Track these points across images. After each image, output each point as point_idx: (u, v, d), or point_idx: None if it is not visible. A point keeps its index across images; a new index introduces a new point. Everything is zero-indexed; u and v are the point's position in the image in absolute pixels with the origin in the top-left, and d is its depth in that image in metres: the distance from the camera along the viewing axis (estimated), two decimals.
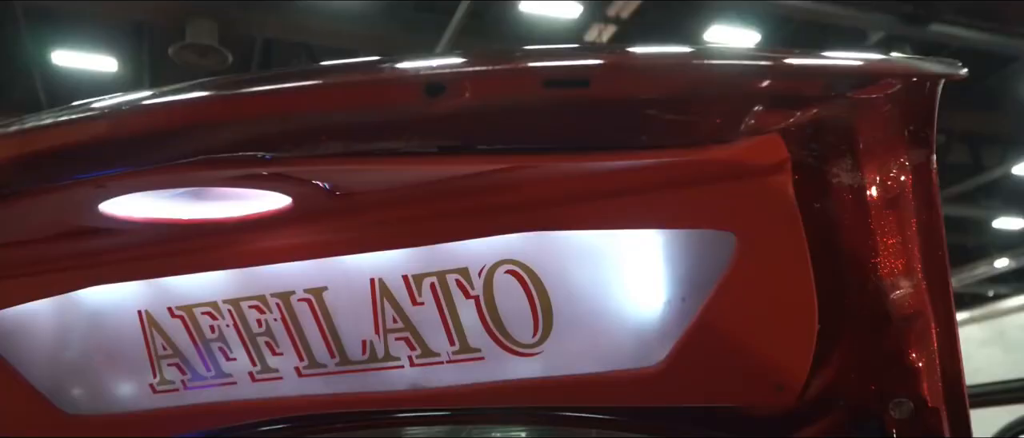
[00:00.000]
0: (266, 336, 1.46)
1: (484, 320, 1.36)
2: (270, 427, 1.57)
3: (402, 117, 1.03)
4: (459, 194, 1.24)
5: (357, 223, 1.30)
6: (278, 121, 1.05)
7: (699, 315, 1.28)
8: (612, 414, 1.45)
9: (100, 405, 1.60)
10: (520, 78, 1.01)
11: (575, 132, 1.10)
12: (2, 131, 1.10)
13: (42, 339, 1.56)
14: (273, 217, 1.27)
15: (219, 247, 1.38)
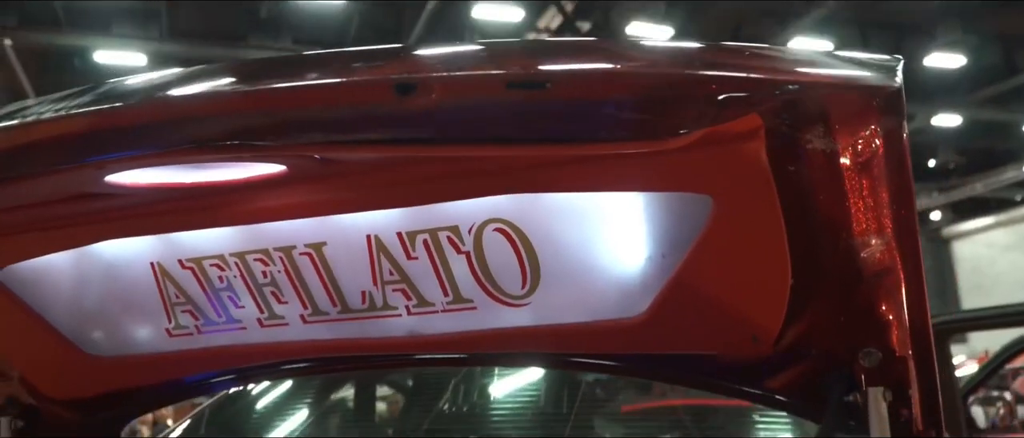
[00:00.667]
0: (271, 286, 1.55)
1: (475, 273, 1.42)
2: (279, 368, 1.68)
3: (377, 113, 1.09)
4: (445, 161, 1.29)
5: (349, 186, 1.36)
6: (269, 115, 1.14)
7: (678, 270, 1.33)
8: (597, 360, 1.53)
9: (120, 347, 1.71)
10: (483, 80, 1.07)
11: (548, 126, 1.15)
12: (25, 121, 1.19)
13: (63, 288, 1.65)
14: (270, 181, 1.33)
15: (222, 206, 1.45)
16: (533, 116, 1.11)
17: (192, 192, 1.39)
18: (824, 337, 1.33)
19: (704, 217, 1.28)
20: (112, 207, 1.46)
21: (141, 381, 1.77)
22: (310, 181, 1.35)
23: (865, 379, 1.28)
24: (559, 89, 1.07)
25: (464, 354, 1.58)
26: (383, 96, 1.06)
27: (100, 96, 1.20)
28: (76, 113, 1.18)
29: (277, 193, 1.39)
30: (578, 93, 1.09)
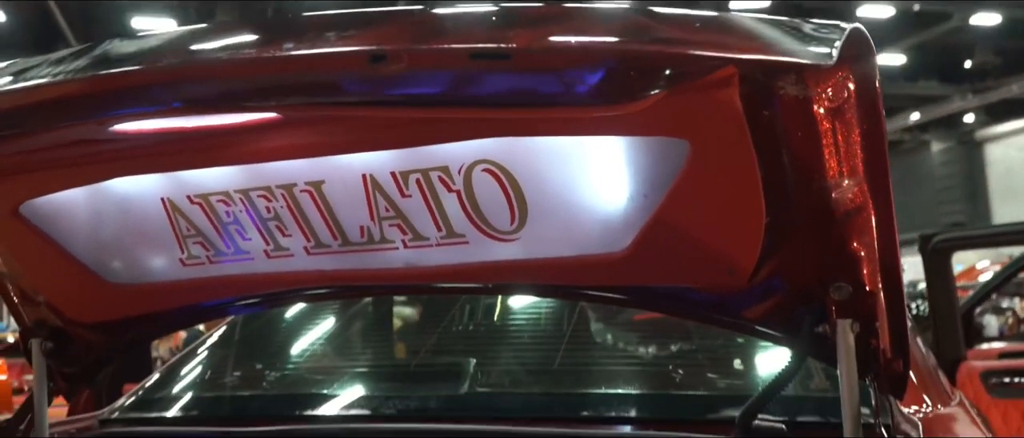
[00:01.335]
0: (275, 221, 1.63)
1: (466, 210, 1.49)
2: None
3: (353, 79, 1.16)
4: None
5: (341, 130, 1.42)
6: (255, 80, 1.23)
7: (658, 209, 1.39)
8: (583, 292, 1.60)
9: (138, 276, 1.81)
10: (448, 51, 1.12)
11: (517, 92, 1.20)
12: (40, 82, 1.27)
13: (81, 221, 1.75)
14: (267, 125, 1.40)
15: (223, 147, 1.51)
16: (501, 83, 1.16)
17: (194, 135, 1.46)
18: (797, 272, 1.39)
19: (682, 160, 1.32)
20: (120, 149, 1.54)
21: (159, 306, 1.88)
22: (304, 126, 1.42)
23: (835, 311, 1.34)
24: (522, 60, 1.12)
25: (459, 285, 1.66)
26: (358, 64, 1.12)
27: (100, 57, 1.27)
28: (80, 75, 1.26)
29: (274, 136, 1.45)
30: (541, 64, 1.14)
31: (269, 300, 1.86)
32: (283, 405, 2.15)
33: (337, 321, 2.56)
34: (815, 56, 1.12)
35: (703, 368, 1.97)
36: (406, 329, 2.48)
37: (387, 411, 1.96)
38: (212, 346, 2.52)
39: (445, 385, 2.02)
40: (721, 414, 1.66)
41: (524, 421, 1.78)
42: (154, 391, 2.29)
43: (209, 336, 2.55)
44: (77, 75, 1.26)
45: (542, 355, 2.11)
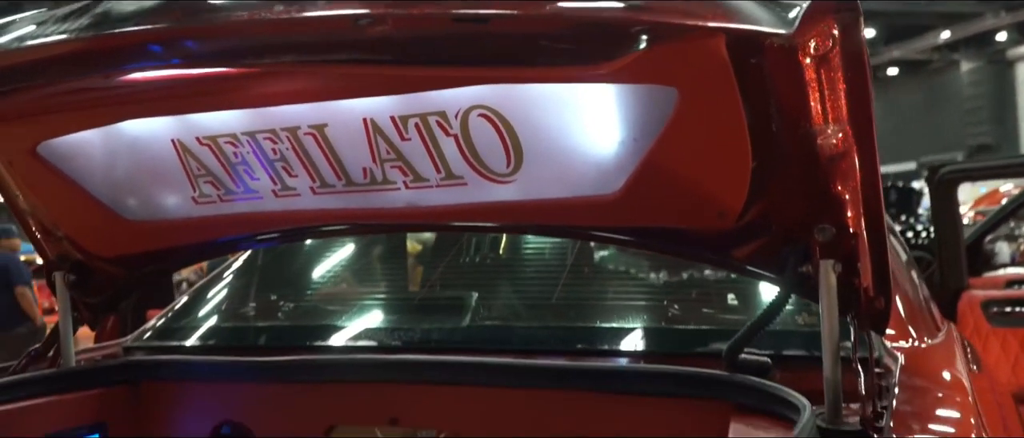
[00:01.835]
0: (282, 162, 1.68)
1: (463, 153, 1.54)
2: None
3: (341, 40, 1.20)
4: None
5: (339, 77, 1.46)
6: (249, 39, 1.29)
7: (648, 153, 1.43)
8: (578, 231, 1.66)
9: (154, 213, 1.89)
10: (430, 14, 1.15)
11: (500, 53, 1.23)
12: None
13: (97, 162, 1.82)
14: (267, 72, 1.44)
15: (227, 92, 1.56)
16: (483, 44, 1.19)
17: (199, 81, 1.51)
18: (782, 214, 1.43)
19: (671, 107, 1.35)
20: (128, 95, 1.60)
21: (174, 242, 1.96)
22: (303, 75, 1.46)
23: (819, 252, 1.39)
24: (501, 24, 1.15)
25: (459, 223, 1.72)
26: (344, 26, 1.16)
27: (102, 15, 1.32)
28: (88, 33, 1.33)
29: (275, 83, 1.50)
30: (520, 28, 1.16)
31: (279, 237, 1.93)
32: (295, 335, 2.24)
33: (347, 256, 2.65)
34: (799, 6, 1.14)
35: (694, 304, 2.03)
36: (412, 264, 2.55)
37: (393, 342, 2.05)
38: (229, 278, 2.61)
39: (448, 318, 2.10)
40: (710, 347, 1.73)
41: (522, 353, 1.86)
42: (175, 320, 2.40)
43: (227, 268, 2.65)
44: (84, 33, 1.31)
45: (541, 290, 2.18)
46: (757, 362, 1.58)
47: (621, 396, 1.66)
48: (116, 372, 2.09)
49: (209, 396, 2.05)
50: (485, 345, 1.94)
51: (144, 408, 2.08)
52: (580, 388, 1.69)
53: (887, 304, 1.46)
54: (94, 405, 2.01)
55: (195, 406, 2.06)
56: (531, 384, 1.73)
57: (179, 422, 2.07)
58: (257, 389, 2.00)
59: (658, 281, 2.11)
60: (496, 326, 2.08)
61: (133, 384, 2.09)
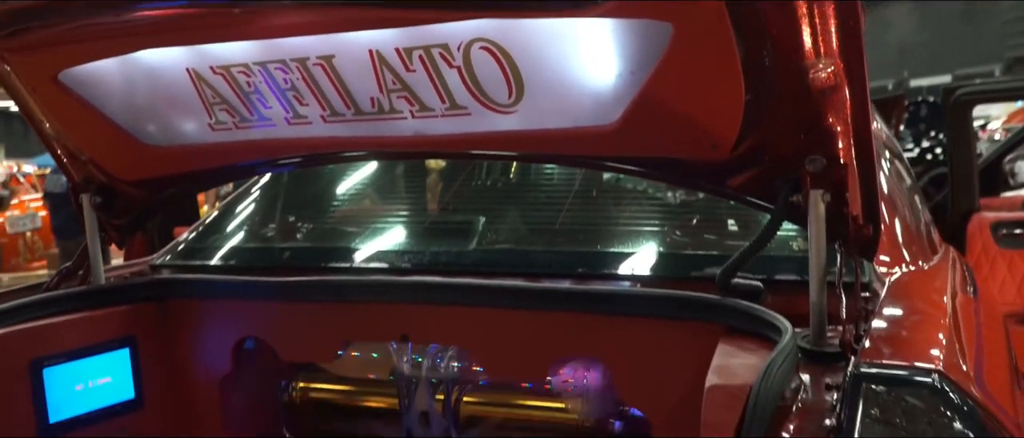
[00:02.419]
0: (293, 91, 1.74)
1: (466, 84, 1.58)
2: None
3: None
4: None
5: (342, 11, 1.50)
6: None
7: (645, 86, 1.47)
8: (578, 160, 1.71)
9: (172, 139, 1.96)
10: None
11: None
12: None
13: (116, 88, 1.88)
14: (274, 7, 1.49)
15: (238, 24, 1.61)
16: None
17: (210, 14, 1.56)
18: (775, 145, 1.46)
19: (666, 41, 1.38)
20: (144, 26, 1.65)
21: (193, 166, 2.04)
22: (310, 8, 1.50)
23: (809, 182, 1.43)
24: None
25: (464, 151, 1.77)
26: None
27: None
28: None
29: (283, 16, 1.55)
30: None
31: (293, 163, 2.00)
32: (313, 256, 2.34)
33: (363, 181, 2.72)
34: None
35: (692, 230, 2.08)
36: (422, 189, 2.62)
37: (402, 265, 2.14)
38: (251, 200, 2.70)
39: (457, 241, 2.17)
40: (704, 272, 1.79)
41: (526, 275, 1.94)
42: (199, 241, 2.50)
43: (248, 190, 2.74)
44: None
45: (545, 216, 2.24)
46: (749, 286, 1.64)
47: (619, 317, 1.74)
48: (143, 290, 2.20)
49: (232, 313, 2.15)
50: (491, 268, 2.02)
51: (171, 324, 2.20)
52: (580, 310, 1.76)
53: (876, 232, 1.50)
54: (124, 321, 2.12)
55: (219, 322, 2.17)
56: (533, 306, 1.81)
57: (204, 337, 2.18)
58: (277, 307, 2.10)
59: (657, 208, 2.16)
60: (502, 249, 2.15)
61: (160, 301, 2.20)
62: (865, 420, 1.10)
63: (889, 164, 2.35)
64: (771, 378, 1.21)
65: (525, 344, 1.83)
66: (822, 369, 1.34)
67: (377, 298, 1.99)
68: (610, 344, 1.76)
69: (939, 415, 1.11)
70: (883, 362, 1.20)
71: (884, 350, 1.30)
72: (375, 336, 2.07)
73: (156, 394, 2.16)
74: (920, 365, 1.18)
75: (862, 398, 1.12)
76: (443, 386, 2.05)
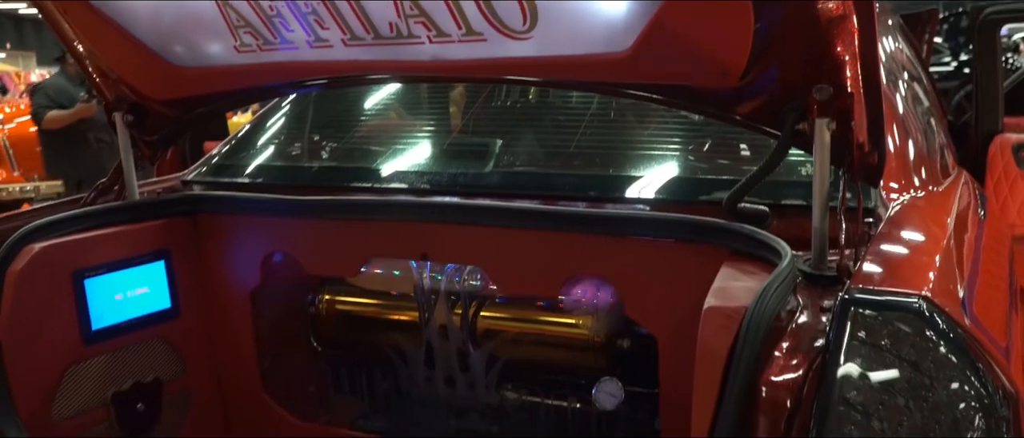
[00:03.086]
0: (313, 15, 1.78)
1: (482, 11, 1.61)
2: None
3: None
4: None
5: None
6: None
7: (656, 14, 1.49)
8: (591, 86, 1.74)
9: (200, 60, 2.02)
10: None
11: None
12: None
13: (145, 10, 1.94)
14: None
15: None
16: None
17: None
18: (782, 74, 1.49)
19: None
20: None
21: (220, 87, 2.10)
22: None
23: (816, 110, 1.46)
24: None
25: (481, 76, 1.81)
26: None
27: None
28: None
29: None
30: None
31: (316, 85, 2.05)
32: (337, 175, 2.41)
33: (386, 102, 2.77)
34: None
35: (702, 156, 2.12)
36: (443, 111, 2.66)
37: (422, 185, 2.20)
38: (278, 116, 2.77)
39: (474, 163, 2.23)
40: (713, 196, 1.84)
41: (541, 197, 2.00)
42: (228, 158, 2.58)
43: (276, 109, 2.80)
44: None
45: (560, 139, 2.29)
46: (755, 211, 1.69)
47: (628, 239, 1.80)
48: (177, 205, 2.29)
49: (260, 228, 2.25)
50: (507, 189, 2.08)
51: (203, 237, 2.30)
52: (591, 232, 1.83)
53: (881, 159, 1.53)
54: (159, 234, 2.22)
55: (248, 236, 2.26)
56: (547, 227, 1.87)
57: (235, 250, 2.28)
58: (302, 224, 2.18)
59: (669, 133, 2.20)
60: (518, 172, 2.20)
61: (192, 216, 2.29)
62: (852, 342, 1.16)
63: (906, 86, 2.35)
64: (766, 301, 1.27)
65: (539, 263, 1.90)
66: (820, 292, 1.40)
67: (398, 217, 2.07)
68: (620, 265, 1.82)
69: (924, 339, 1.17)
70: (872, 287, 1.26)
71: (877, 275, 1.35)
72: (396, 253, 2.16)
73: (191, 304, 2.28)
74: (907, 290, 1.24)
75: (850, 321, 1.18)
76: (461, 301, 2.15)
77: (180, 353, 2.27)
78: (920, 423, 1.10)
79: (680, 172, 2.05)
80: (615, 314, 1.99)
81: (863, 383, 1.13)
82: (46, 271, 1.97)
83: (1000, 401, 1.15)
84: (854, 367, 1.13)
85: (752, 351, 1.22)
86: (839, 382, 1.13)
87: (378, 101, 2.78)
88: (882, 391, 1.12)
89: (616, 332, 2.03)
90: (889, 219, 1.65)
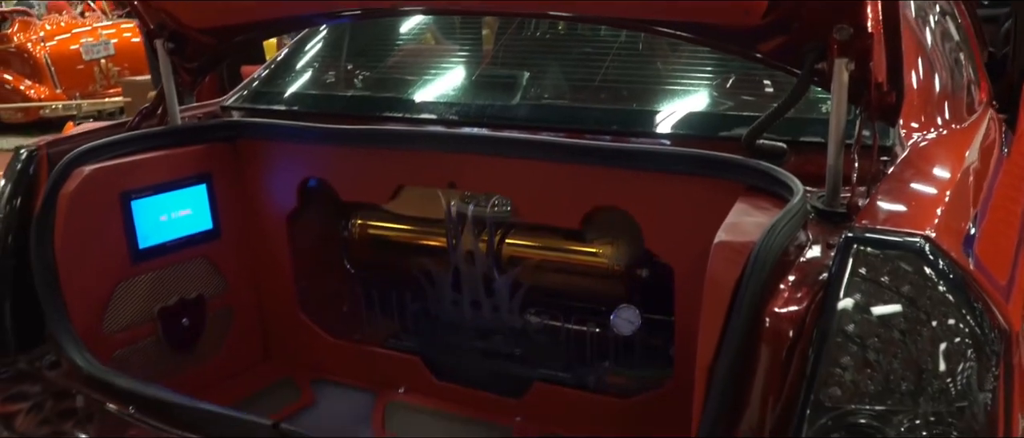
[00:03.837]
0: None
1: None
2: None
3: None
4: None
5: None
6: None
7: None
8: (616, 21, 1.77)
9: None
10: None
11: None
12: None
13: None
14: None
15: None
16: None
17: None
18: (803, 13, 1.51)
19: None
20: None
21: (255, 17, 2.17)
22: None
23: (836, 50, 1.48)
24: None
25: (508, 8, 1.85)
26: None
27: None
28: None
29: None
30: None
31: (350, 15, 2.10)
32: (370, 104, 2.48)
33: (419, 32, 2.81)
34: None
35: (724, 93, 2.14)
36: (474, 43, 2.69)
37: (451, 116, 2.26)
38: (314, 46, 2.83)
39: (502, 94, 2.28)
40: (733, 132, 1.88)
41: (565, 130, 2.05)
42: (265, 85, 2.65)
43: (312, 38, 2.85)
44: None
45: (586, 72, 2.32)
46: (773, 147, 1.73)
47: (649, 173, 1.85)
48: (217, 130, 2.38)
49: (296, 154, 2.33)
50: (533, 122, 2.13)
51: (242, 162, 2.39)
52: (613, 165, 1.88)
53: (899, 99, 1.56)
54: (201, 158, 2.32)
55: (284, 162, 2.35)
56: (570, 159, 1.93)
57: (272, 175, 2.37)
58: (336, 151, 2.26)
59: (694, 69, 2.22)
60: (544, 105, 2.25)
61: (232, 141, 2.38)
62: (853, 277, 1.22)
63: (936, 20, 2.34)
64: (773, 237, 1.33)
65: (561, 194, 1.97)
66: (830, 228, 1.45)
67: (427, 147, 2.13)
68: (639, 197, 1.88)
69: (922, 277, 1.22)
70: (876, 226, 1.31)
71: (882, 213, 1.39)
72: (425, 181, 2.23)
73: (232, 225, 2.39)
74: (909, 229, 1.28)
75: (851, 257, 1.23)
76: (487, 229, 2.23)
77: (222, 272, 2.39)
78: (913, 355, 1.17)
79: (703, 108, 2.08)
80: (635, 245, 2.06)
81: (861, 316, 1.19)
82: (96, 193, 2.08)
83: (993, 337, 1.21)
84: (853, 301, 1.20)
85: (757, 284, 1.28)
86: (838, 314, 1.19)
87: (411, 28, 2.82)
88: (879, 324, 1.19)
89: (635, 262, 2.10)
90: (904, 158, 1.68)
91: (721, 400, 1.26)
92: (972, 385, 1.16)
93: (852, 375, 1.16)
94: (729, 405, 1.26)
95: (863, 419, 1.15)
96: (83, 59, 11.34)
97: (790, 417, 1.19)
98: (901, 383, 1.15)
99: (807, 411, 1.16)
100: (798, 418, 1.17)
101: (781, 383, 1.24)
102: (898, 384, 1.15)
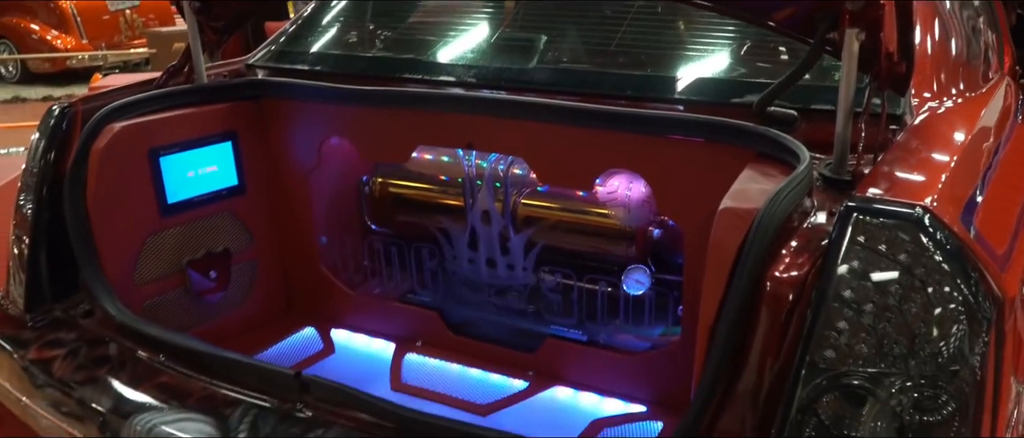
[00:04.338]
0: None
1: None
2: None
3: None
4: None
5: None
6: None
7: None
8: None
9: None
10: None
11: None
12: None
13: None
14: None
15: None
16: None
17: None
18: None
19: None
20: None
21: None
22: None
23: (848, 20, 1.50)
24: None
25: None
26: None
27: None
28: None
29: None
30: None
31: None
32: (390, 65, 2.52)
33: None
34: None
35: (738, 60, 2.16)
36: (493, 7, 2.71)
37: (469, 78, 2.30)
38: (337, 4, 2.86)
39: (519, 58, 2.32)
40: (745, 99, 1.90)
41: (581, 94, 2.09)
42: (289, 45, 2.70)
43: None
44: None
45: (603, 37, 2.35)
46: (784, 114, 1.76)
47: (661, 138, 1.89)
48: (243, 89, 2.44)
49: (318, 114, 2.39)
50: (549, 86, 2.17)
51: (267, 120, 2.45)
52: (626, 129, 1.92)
53: (909, 69, 1.58)
54: (226, 116, 2.38)
55: (307, 121, 2.41)
56: (584, 123, 1.97)
57: (296, 133, 2.44)
58: (357, 111, 2.31)
59: (709, 36, 2.24)
60: (560, 69, 2.28)
61: (256, 100, 2.44)
62: (852, 245, 1.26)
63: None
64: (776, 204, 1.37)
65: (575, 157, 2.01)
66: (835, 196, 1.49)
67: (446, 108, 2.18)
68: (651, 161, 1.93)
69: (919, 246, 1.26)
70: (877, 195, 1.34)
71: (884, 181, 1.42)
72: (444, 142, 2.28)
73: (257, 182, 2.46)
74: (909, 200, 1.31)
75: (851, 225, 1.27)
76: (503, 189, 2.28)
77: (247, 226, 2.47)
78: (907, 321, 1.21)
79: (716, 74, 2.11)
80: (646, 208, 2.10)
81: (857, 282, 1.23)
82: (125, 149, 2.15)
83: (986, 305, 1.24)
84: (850, 267, 1.24)
85: (759, 250, 1.33)
86: (836, 280, 1.24)
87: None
88: (874, 291, 1.23)
89: (646, 224, 2.15)
90: (912, 126, 1.70)
91: (721, 359, 1.32)
92: (963, 350, 1.20)
93: (847, 338, 1.21)
94: (728, 364, 1.32)
95: (856, 380, 1.20)
96: (108, 10, 11.41)
97: (786, 377, 1.24)
98: (894, 347, 1.20)
99: (802, 371, 1.22)
100: (793, 378, 1.22)
101: (779, 344, 1.29)
102: (891, 348, 1.20)
